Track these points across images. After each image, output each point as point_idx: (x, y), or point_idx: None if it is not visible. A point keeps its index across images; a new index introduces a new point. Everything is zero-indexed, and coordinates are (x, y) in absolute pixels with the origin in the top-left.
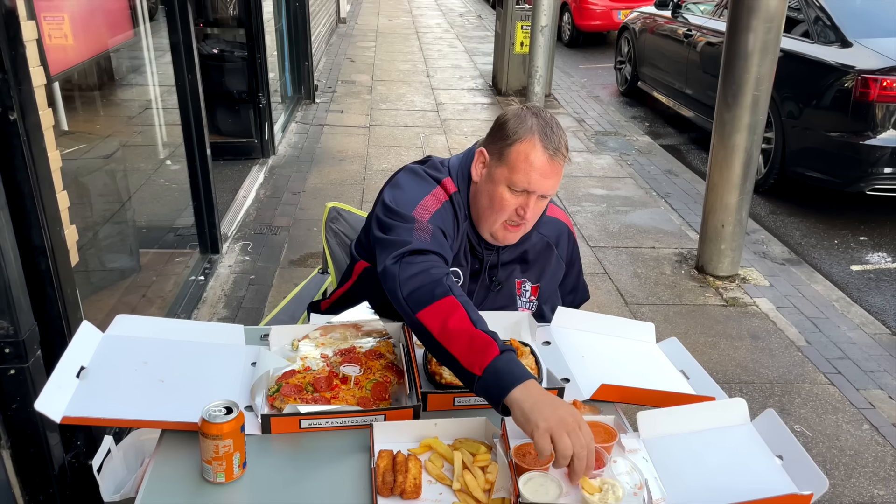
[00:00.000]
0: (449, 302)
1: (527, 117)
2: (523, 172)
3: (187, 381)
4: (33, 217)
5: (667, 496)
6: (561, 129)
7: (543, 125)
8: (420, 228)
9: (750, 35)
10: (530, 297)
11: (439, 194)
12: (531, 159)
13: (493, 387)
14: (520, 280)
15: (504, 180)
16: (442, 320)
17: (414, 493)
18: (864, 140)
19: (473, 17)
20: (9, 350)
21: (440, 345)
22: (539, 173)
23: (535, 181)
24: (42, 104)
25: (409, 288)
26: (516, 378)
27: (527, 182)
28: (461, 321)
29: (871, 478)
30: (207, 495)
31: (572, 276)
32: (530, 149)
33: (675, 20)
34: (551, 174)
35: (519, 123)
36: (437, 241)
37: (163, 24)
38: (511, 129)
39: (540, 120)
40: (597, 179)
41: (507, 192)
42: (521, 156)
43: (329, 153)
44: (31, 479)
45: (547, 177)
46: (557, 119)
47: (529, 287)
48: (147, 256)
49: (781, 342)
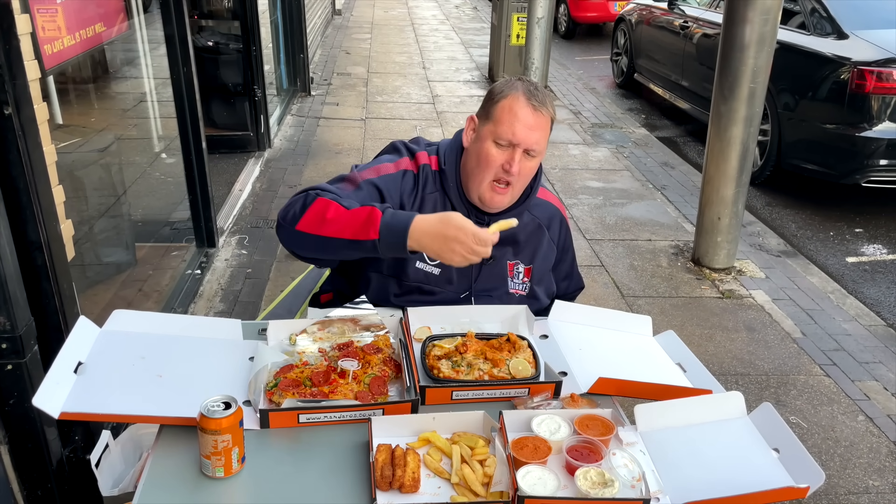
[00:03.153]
0: (320, 203)
1: (513, 81)
2: (507, 123)
3: (185, 377)
4: (29, 212)
5: (664, 489)
6: (547, 93)
7: (528, 85)
8: (349, 178)
9: (747, 27)
10: (523, 278)
11: (402, 164)
12: (515, 110)
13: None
14: (512, 262)
15: (490, 135)
16: (319, 218)
17: (413, 486)
18: (859, 132)
19: (469, 9)
20: (6, 345)
21: (327, 238)
22: (523, 124)
23: (520, 132)
24: (37, 98)
25: (285, 214)
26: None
27: (511, 133)
28: (336, 211)
29: (867, 469)
30: (206, 490)
31: (566, 263)
32: (514, 101)
33: (671, 12)
34: (536, 127)
35: (505, 84)
36: (356, 193)
37: (157, 17)
38: (497, 90)
39: (525, 82)
40: (593, 172)
41: (493, 147)
42: (505, 109)
43: (325, 146)
44: (29, 475)
45: (531, 129)
46: None
47: (522, 269)
48: (143, 250)
49: (777, 334)
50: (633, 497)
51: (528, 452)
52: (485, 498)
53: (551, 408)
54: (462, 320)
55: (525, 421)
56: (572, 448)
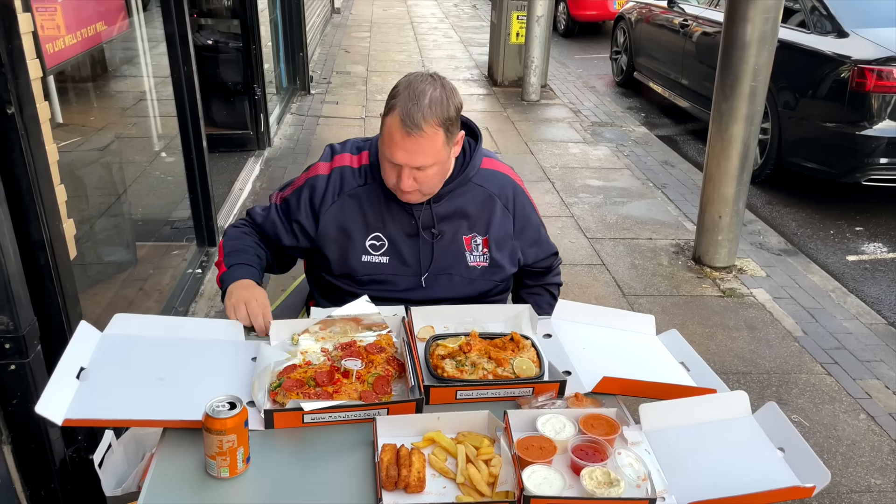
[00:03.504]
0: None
1: (401, 87)
2: (388, 146)
3: (188, 378)
4: (32, 211)
5: (669, 488)
6: (431, 102)
7: (408, 97)
8: (270, 197)
9: (748, 25)
10: (483, 249)
11: (317, 169)
12: (392, 134)
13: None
14: (468, 236)
15: (383, 151)
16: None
17: (418, 486)
18: (860, 130)
19: (468, 7)
20: (9, 345)
21: None
22: (400, 148)
23: (400, 157)
24: (39, 97)
25: None
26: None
27: (391, 155)
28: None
29: (868, 467)
30: (212, 490)
31: (530, 230)
32: (392, 123)
33: (670, 10)
34: (414, 149)
35: (394, 93)
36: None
37: (157, 15)
38: (389, 97)
39: (409, 90)
40: (593, 170)
41: (385, 162)
42: (387, 129)
43: (325, 145)
44: (32, 475)
45: (410, 152)
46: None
47: (480, 240)
48: (143, 250)
49: (778, 333)
50: (639, 497)
51: (533, 452)
52: (490, 498)
53: (556, 407)
54: (465, 319)
55: (530, 420)
56: (577, 447)
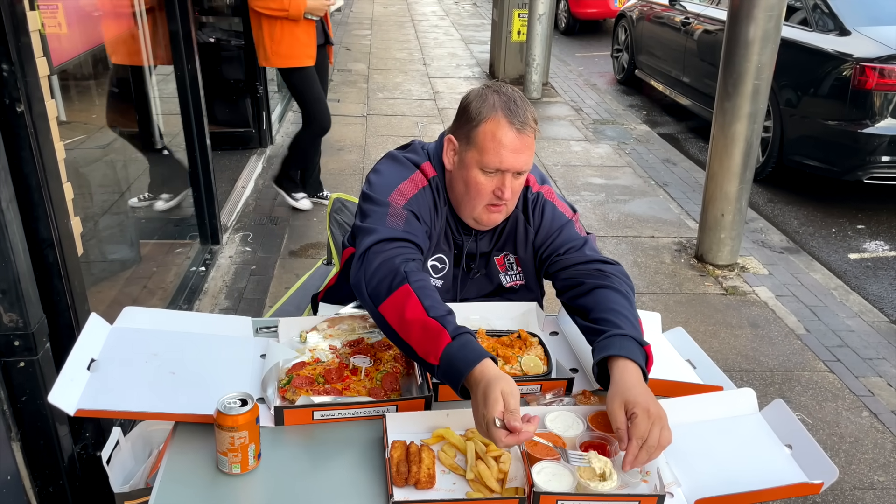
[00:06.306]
0: (403, 291)
1: (488, 96)
2: (493, 152)
3: (197, 373)
4: (41, 209)
5: (678, 480)
6: (525, 101)
7: (506, 100)
8: (393, 214)
9: (751, 24)
10: (517, 268)
11: (417, 179)
12: (499, 137)
13: (450, 373)
14: (499, 256)
15: (476, 163)
16: (399, 312)
17: (428, 482)
18: (861, 128)
19: (469, 5)
20: (18, 343)
21: (400, 337)
22: (509, 150)
23: (507, 159)
24: (46, 95)
25: (370, 283)
26: (469, 363)
27: (498, 161)
28: (414, 310)
29: (871, 464)
30: (223, 486)
31: (565, 233)
32: (496, 127)
33: (672, 8)
34: (522, 149)
35: (481, 103)
36: (409, 227)
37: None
38: (474, 110)
39: (502, 96)
40: (595, 168)
41: (481, 176)
42: (488, 136)
43: (327, 143)
44: (40, 471)
45: (518, 152)
46: (521, 93)
47: (513, 258)
48: (147, 247)
49: (781, 330)
50: (647, 493)
51: (542, 448)
52: (500, 494)
53: (563, 404)
54: (472, 317)
55: None
56: (586, 444)
